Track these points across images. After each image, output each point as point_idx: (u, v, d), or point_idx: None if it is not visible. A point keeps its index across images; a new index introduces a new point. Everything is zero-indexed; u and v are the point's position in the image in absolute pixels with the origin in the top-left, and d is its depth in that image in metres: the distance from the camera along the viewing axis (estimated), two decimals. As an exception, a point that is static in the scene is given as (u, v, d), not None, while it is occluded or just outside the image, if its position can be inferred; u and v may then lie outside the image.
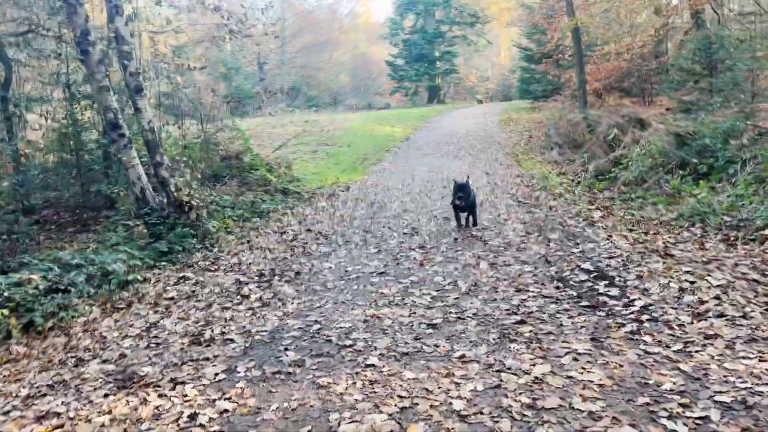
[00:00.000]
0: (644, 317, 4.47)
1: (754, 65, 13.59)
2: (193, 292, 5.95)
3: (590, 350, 3.94)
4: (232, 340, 4.52)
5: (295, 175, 13.21)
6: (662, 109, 18.82)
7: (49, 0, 9.78)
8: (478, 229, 7.72)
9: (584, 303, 4.87)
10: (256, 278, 6.23)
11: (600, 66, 20.66)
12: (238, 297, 5.60)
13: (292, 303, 5.34)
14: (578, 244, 6.67)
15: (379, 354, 4.02)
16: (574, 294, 5.10)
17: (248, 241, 7.96)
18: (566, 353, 3.89)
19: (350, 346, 4.21)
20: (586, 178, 11.47)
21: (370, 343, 4.23)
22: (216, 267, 6.87)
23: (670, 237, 6.89)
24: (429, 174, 12.65)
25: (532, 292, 5.21)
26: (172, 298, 5.80)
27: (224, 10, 11.61)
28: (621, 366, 3.65)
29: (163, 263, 7.39)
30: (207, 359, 4.19)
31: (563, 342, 4.08)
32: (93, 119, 10.68)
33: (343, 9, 58.31)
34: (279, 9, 46.84)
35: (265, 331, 4.66)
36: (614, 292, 5.10)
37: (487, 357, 3.88)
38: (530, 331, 4.30)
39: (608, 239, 6.80)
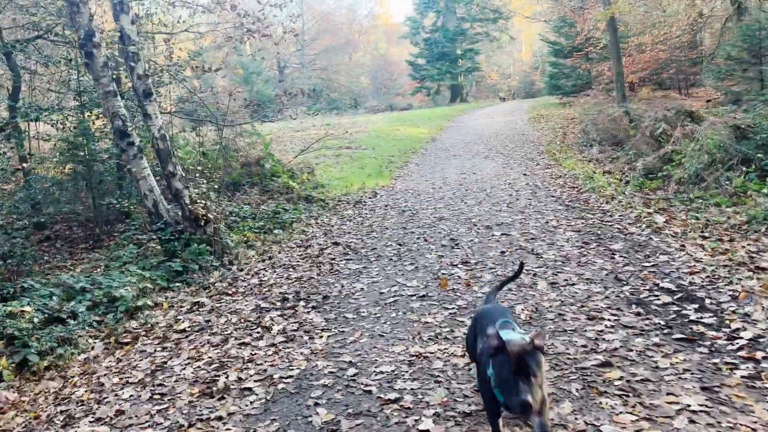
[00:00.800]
0: (759, 354, 3.55)
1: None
2: (208, 322, 5.16)
3: (706, 406, 3.03)
4: (250, 390, 3.70)
5: (319, 181, 12.42)
6: (702, 100, 17.66)
7: (55, 0, 9.14)
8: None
9: (677, 335, 3.95)
10: (279, 303, 5.42)
11: (635, 57, 19.53)
12: (258, 330, 4.79)
13: (321, 336, 4.52)
14: (648, 256, 5.73)
15: (434, 414, 3.17)
16: (661, 323, 4.18)
17: (270, 258, 7.17)
18: (677, 411, 3.00)
19: (395, 401, 3.36)
20: (635, 177, 10.48)
21: (419, 396, 3.38)
22: (234, 289, 6.08)
23: (750, 245, 5.92)
24: (461, 177, 11.75)
25: (609, 320, 4.30)
26: (183, 331, 5.02)
27: (241, 8, 10.88)
28: (758, 434, 2.75)
29: (177, 284, 6.66)
30: (220, 418, 3.38)
31: (668, 394, 3.18)
32: (106, 128, 10.03)
33: (361, 10, 57.60)
34: (297, 8, 46.33)
35: (291, 376, 3.84)
36: (709, 318, 4.18)
37: (575, 419, 3.00)
38: (621, 377, 3.41)
39: (682, 249, 5.85)
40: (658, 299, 4.63)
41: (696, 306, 4.44)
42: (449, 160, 14.40)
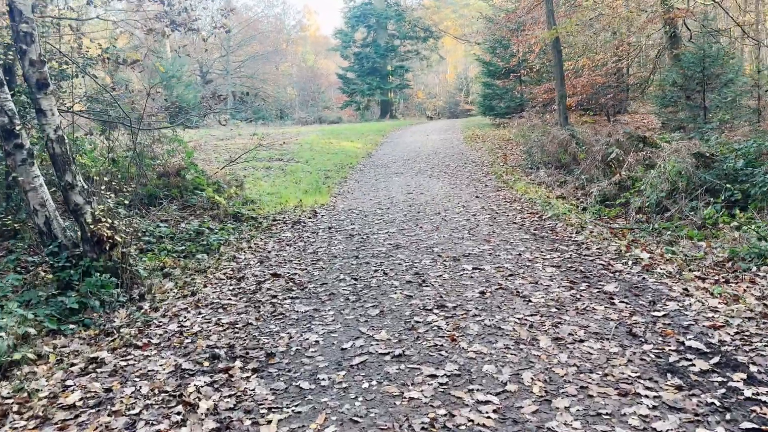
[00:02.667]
0: None
1: (762, 80, 12.44)
2: (108, 392, 3.73)
3: None
4: None
5: (249, 196, 11.00)
6: (631, 126, 17.67)
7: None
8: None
9: (744, 424, 3.01)
10: (207, 364, 4.07)
11: (572, 81, 19.41)
12: (179, 409, 3.44)
13: (269, 421, 3.24)
14: (653, 302, 4.86)
15: None
16: (715, 402, 3.24)
17: (193, 293, 5.76)
18: None
19: None
20: (591, 203, 9.85)
21: None
22: (146, 339, 4.65)
23: (751, 287, 5.21)
24: (409, 197, 10.71)
25: (647, 397, 3.31)
26: (73, 407, 3.58)
27: (165, -4, 9.41)
28: None
29: (71, 327, 5.16)
30: None
31: None
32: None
33: (290, 20, 56.13)
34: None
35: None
36: (767, 394, 3.29)
37: None
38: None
39: (687, 294, 5.03)
40: (693, 365, 3.70)
41: (744, 376, 3.54)
42: (392, 177, 13.36)
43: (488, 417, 3.17)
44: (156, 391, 3.67)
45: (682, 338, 4.10)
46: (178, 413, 3.38)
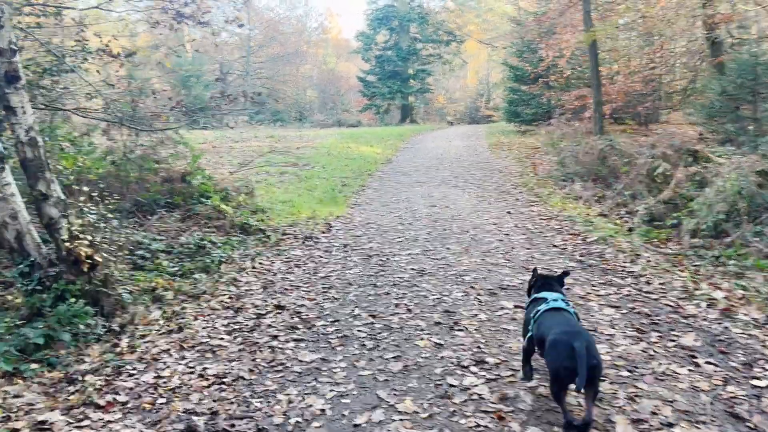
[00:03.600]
0: None
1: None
2: (41, 483, 2.80)
3: None
4: None
5: (259, 205, 10.08)
6: (666, 138, 16.50)
7: None
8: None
9: None
10: (182, 440, 3.13)
11: (606, 88, 18.25)
12: None
13: None
14: (749, 365, 3.81)
15: None
16: None
17: (180, 328, 4.81)
18: None
19: None
20: (638, 223, 8.76)
21: None
22: (112, 395, 3.71)
23: None
24: (432, 210, 9.71)
25: None
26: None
27: (171, -15, 8.55)
28: None
29: (32, 367, 4.28)
30: None
31: None
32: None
33: (312, 22, 55.45)
34: (246, 17, 43.69)
35: None
36: None
37: None
38: None
39: (790, 354, 3.98)
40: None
41: None
42: (413, 187, 12.36)
43: None
44: (104, 487, 2.72)
45: (806, 426, 3.06)
46: None
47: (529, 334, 3.42)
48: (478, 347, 4.16)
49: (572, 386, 2.88)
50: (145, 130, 8.42)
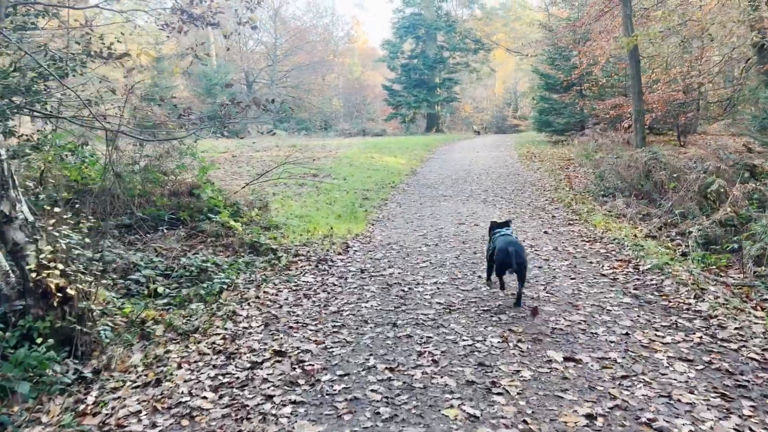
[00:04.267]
0: None
1: None
2: None
3: None
4: None
5: (273, 220, 9.29)
6: (704, 149, 15.32)
7: None
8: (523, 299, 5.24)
9: None
10: None
11: (645, 97, 17.13)
12: None
13: None
14: None
15: None
16: None
17: (158, 380, 3.98)
18: None
19: None
20: (692, 246, 7.71)
21: None
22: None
23: None
24: (461, 228, 8.78)
25: None
26: None
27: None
28: None
29: (-23, 428, 3.49)
30: None
31: None
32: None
33: (338, 31, 55.03)
34: (270, 26, 43.47)
35: None
36: None
37: None
38: None
39: None
40: None
41: None
42: (439, 201, 11.45)
43: None
44: None
45: None
46: None
47: (490, 247, 5.76)
48: (524, 421, 3.23)
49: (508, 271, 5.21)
50: (145, 140, 7.68)
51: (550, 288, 5.77)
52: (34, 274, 4.36)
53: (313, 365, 4.07)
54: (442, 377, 3.82)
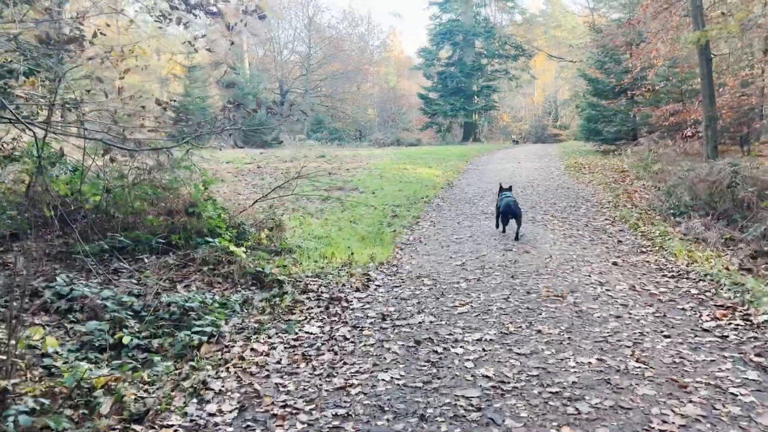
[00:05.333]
0: None
1: None
2: None
3: None
4: None
5: (287, 243, 7.90)
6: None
7: None
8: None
9: None
10: None
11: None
12: None
13: None
14: None
15: None
16: None
17: None
18: None
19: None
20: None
21: None
22: None
23: None
24: (508, 255, 7.18)
25: None
26: None
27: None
28: None
29: None
30: None
31: None
32: None
33: (374, 40, 53.90)
34: (305, 35, 42.60)
35: None
36: None
37: None
38: None
39: None
40: None
41: None
42: (479, 220, 9.87)
43: None
44: None
45: None
46: None
47: (498, 204, 8.25)
48: None
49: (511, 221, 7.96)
50: (123, 149, 6.39)
51: (641, 353, 4.15)
52: None
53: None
54: None
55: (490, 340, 4.45)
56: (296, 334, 4.71)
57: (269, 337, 4.65)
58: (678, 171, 11.00)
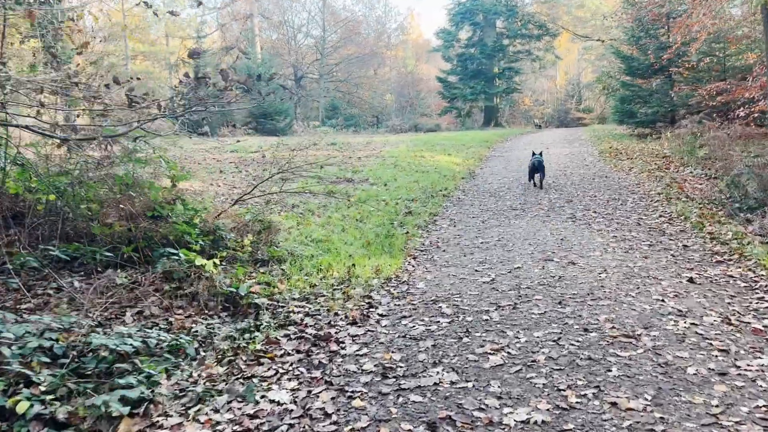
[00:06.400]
0: None
1: None
2: None
3: None
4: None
5: (278, 248, 6.46)
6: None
7: None
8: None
9: None
10: None
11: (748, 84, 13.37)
12: None
13: None
14: None
15: None
16: None
17: None
18: None
19: None
20: None
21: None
22: None
23: None
24: (548, 269, 5.62)
25: None
26: None
27: None
28: None
29: None
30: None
31: None
32: None
33: (391, 23, 51.97)
34: (319, 18, 40.93)
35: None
36: None
37: None
38: None
39: None
40: None
41: None
42: (508, 218, 8.30)
43: None
44: None
45: None
46: None
47: (529, 165, 10.94)
48: None
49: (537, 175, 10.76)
50: (58, 138, 4.96)
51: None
52: None
53: None
54: None
55: (542, 422, 2.92)
56: (256, 403, 3.24)
57: (216, 410, 3.18)
58: (740, 157, 9.28)
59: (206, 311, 4.95)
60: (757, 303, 4.59)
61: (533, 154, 10.84)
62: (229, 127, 30.07)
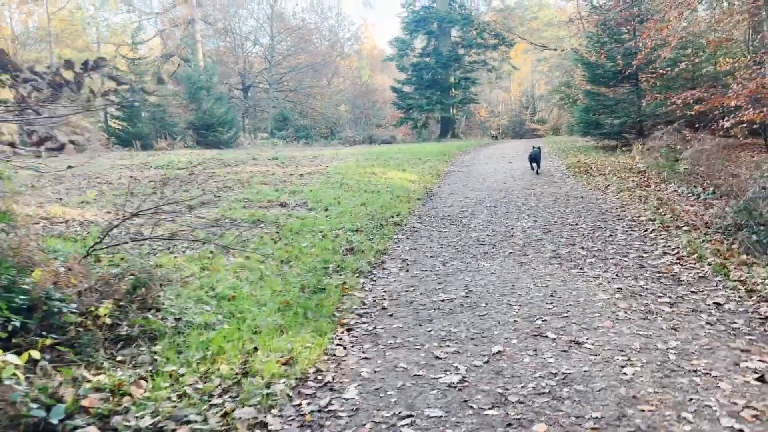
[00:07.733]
0: None
1: None
2: None
3: None
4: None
5: (157, 315, 4.41)
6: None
7: None
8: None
9: None
10: None
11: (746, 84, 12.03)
12: None
13: None
14: None
15: None
16: None
17: None
18: None
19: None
20: None
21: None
22: None
23: None
24: (542, 347, 3.77)
25: None
26: None
27: None
28: None
29: None
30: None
31: None
32: None
33: (344, 33, 50.23)
34: (268, 27, 38.77)
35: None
36: None
37: None
38: None
39: None
40: None
41: None
42: (473, 257, 6.45)
43: None
44: None
45: None
46: None
47: (528, 155, 14.18)
48: None
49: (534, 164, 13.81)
50: None
51: None
52: None
53: None
54: None
55: None
56: None
57: None
58: (750, 176, 7.74)
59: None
60: None
61: (533, 147, 14.08)
62: (168, 140, 27.60)
